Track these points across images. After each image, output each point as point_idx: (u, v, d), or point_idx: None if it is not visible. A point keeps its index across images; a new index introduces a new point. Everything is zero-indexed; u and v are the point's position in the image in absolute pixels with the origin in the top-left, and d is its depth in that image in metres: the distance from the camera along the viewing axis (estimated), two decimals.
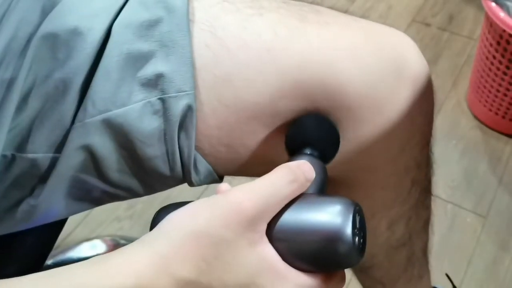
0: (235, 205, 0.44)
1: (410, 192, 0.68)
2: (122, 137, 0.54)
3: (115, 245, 1.18)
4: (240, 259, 0.44)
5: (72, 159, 0.54)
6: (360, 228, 0.47)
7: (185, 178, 0.58)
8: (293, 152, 0.55)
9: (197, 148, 0.56)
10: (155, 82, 0.53)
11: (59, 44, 0.53)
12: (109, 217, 1.27)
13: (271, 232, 0.47)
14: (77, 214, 0.61)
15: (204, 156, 0.57)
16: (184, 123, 0.54)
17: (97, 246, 1.19)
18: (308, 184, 0.49)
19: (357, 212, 0.48)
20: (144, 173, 0.57)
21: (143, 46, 0.53)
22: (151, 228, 0.47)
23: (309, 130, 0.55)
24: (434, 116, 0.66)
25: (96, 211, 1.25)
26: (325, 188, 0.53)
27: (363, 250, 0.48)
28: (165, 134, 0.54)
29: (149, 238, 0.44)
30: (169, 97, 0.53)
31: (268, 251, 0.46)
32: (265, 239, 0.46)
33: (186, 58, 0.53)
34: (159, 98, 0.54)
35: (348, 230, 0.46)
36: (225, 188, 0.48)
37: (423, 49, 0.62)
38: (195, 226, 0.43)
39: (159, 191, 0.61)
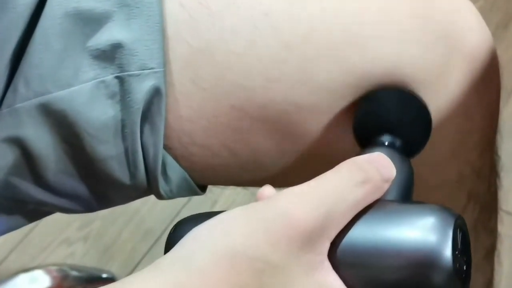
0: (285, 215, 0.44)
1: (466, 210, 0.69)
2: (65, 129, 0.56)
3: (63, 277, 1.20)
4: None
5: None
6: (463, 250, 0.46)
7: (150, 187, 0.60)
8: (365, 142, 0.55)
9: (167, 148, 0.58)
10: (111, 55, 0.55)
11: None
12: (56, 239, 1.28)
13: (335, 254, 0.46)
14: (8, 233, 0.63)
15: (176, 158, 0.59)
16: (149, 112, 0.56)
17: (39, 278, 1.20)
18: (386, 186, 0.48)
19: (459, 227, 0.46)
20: (95, 179, 0.59)
21: (96, 4, 0.55)
22: (167, 249, 0.47)
23: (386, 110, 0.55)
24: (501, 107, 0.67)
25: (37, 231, 1.27)
26: (411, 192, 0.53)
27: (467, 281, 0.47)
28: (123, 127, 0.56)
29: (166, 263, 0.44)
30: (130, 75, 0.55)
31: (332, 281, 0.46)
32: (327, 264, 0.46)
33: (154, 22, 0.55)
34: (116, 77, 0.55)
35: (447, 252, 0.44)
36: (269, 192, 0.49)
37: (489, 8, 0.63)
38: (229, 245, 0.43)
39: (119, 204, 0.63)
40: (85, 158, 0.57)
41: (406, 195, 0.52)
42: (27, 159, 0.56)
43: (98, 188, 0.60)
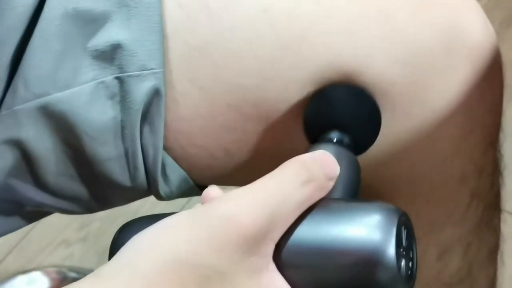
0: (229, 220, 0.44)
1: (469, 209, 0.69)
2: (65, 131, 0.56)
3: (62, 279, 1.20)
4: None
5: None
6: (407, 247, 0.47)
7: (150, 188, 0.60)
8: (313, 138, 0.55)
9: (166, 149, 0.58)
10: (110, 56, 0.55)
11: None
12: (54, 240, 1.29)
13: (280, 255, 0.46)
14: (7, 235, 0.63)
15: (175, 159, 0.59)
16: (148, 113, 0.56)
17: (37, 280, 1.20)
18: (331, 184, 0.49)
19: (404, 224, 0.47)
20: (95, 181, 0.59)
21: (95, 4, 0.55)
22: (111, 255, 0.47)
23: (335, 106, 0.55)
24: (504, 105, 0.67)
25: (36, 232, 1.27)
26: (357, 190, 0.53)
27: (411, 279, 0.47)
28: (123, 128, 0.56)
29: (108, 271, 0.44)
30: (129, 76, 0.55)
31: (277, 283, 0.46)
32: (273, 266, 0.46)
33: (154, 23, 0.55)
34: (116, 78, 0.55)
35: (391, 249, 0.45)
36: (215, 194, 0.48)
37: (493, 5, 0.63)
38: (172, 253, 0.43)
39: (118, 205, 0.64)
40: (85, 159, 0.57)
41: (353, 192, 0.52)
42: (27, 161, 0.57)
43: (98, 189, 0.60)
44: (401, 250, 0.46)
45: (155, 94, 0.55)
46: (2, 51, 0.55)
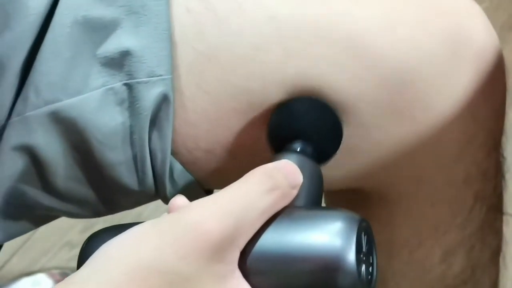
0: (194, 228, 0.45)
1: (473, 211, 0.70)
2: (75, 136, 0.56)
3: None
4: None
5: (7, 165, 0.57)
6: (367, 252, 0.48)
7: (158, 192, 0.60)
8: (277, 148, 0.56)
9: (173, 153, 0.59)
10: (119, 62, 0.56)
11: None
12: (58, 242, 1.29)
13: (246, 262, 0.48)
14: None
15: (182, 163, 0.60)
16: (157, 119, 0.57)
17: (41, 282, 1.20)
18: (294, 192, 0.50)
19: (364, 230, 0.48)
20: (104, 185, 0.59)
21: (105, 12, 0.56)
22: (80, 263, 0.48)
23: (298, 117, 0.56)
24: (507, 108, 0.68)
25: (40, 234, 1.27)
26: (320, 197, 0.54)
27: (372, 283, 0.49)
28: (131, 133, 0.57)
29: (78, 279, 0.45)
30: (138, 82, 0.56)
31: None
32: (238, 273, 0.47)
33: (162, 30, 0.56)
34: (125, 84, 0.56)
35: (351, 255, 0.46)
36: (181, 202, 0.50)
37: (494, 9, 0.64)
38: (140, 260, 0.45)
39: (126, 209, 0.64)
40: (94, 164, 0.58)
41: (315, 200, 0.53)
42: (37, 166, 0.57)
43: (106, 194, 0.60)
44: (362, 255, 0.47)
45: (164, 100, 0.56)
46: (13, 58, 0.55)
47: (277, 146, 0.56)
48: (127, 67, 0.56)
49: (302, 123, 0.56)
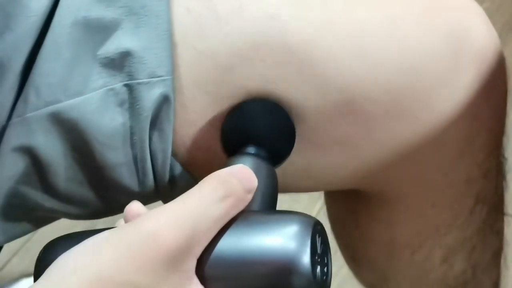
0: (150, 238, 0.46)
1: (474, 212, 0.70)
2: (75, 137, 0.56)
3: None
4: None
5: (8, 166, 0.57)
6: (322, 253, 0.49)
7: (158, 193, 0.60)
8: (231, 152, 0.56)
9: (173, 154, 0.59)
10: (120, 63, 0.56)
11: None
12: None
13: (203, 269, 0.48)
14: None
15: (183, 164, 0.59)
16: (157, 120, 0.57)
17: None
18: (249, 196, 0.50)
19: (318, 233, 0.49)
20: (104, 186, 0.59)
21: (105, 13, 0.56)
22: (36, 274, 0.49)
23: (251, 120, 0.56)
24: (508, 109, 0.68)
25: (40, 235, 1.26)
26: (275, 200, 0.55)
27: (325, 285, 0.49)
28: (132, 134, 0.57)
29: None
30: (139, 83, 0.56)
31: None
32: (196, 281, 0.48)
33: (162, 30, 0.56)
34: (125, 85, 0.56)
35: (306, 258, 0.47)
36: (137, 209, 0.50)
37: (495, 9, 0.64)
38: (97, 271, 0.45)
39: None
40: (95, 165, 0.58)
41: (271, 203, 0.54)
42: (37, 167, 0.57)
43: (107, 195, 0.60)
44: (316, 257, 0.48)
45: (164, 101, 0.56)
46: (14, 59, 0.55)
47: (231, 150, 0.56)
48: (127, 67, 0.56)
49: (255, 126, 0.56)
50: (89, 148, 0.57)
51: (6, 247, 0.69)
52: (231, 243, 0.48)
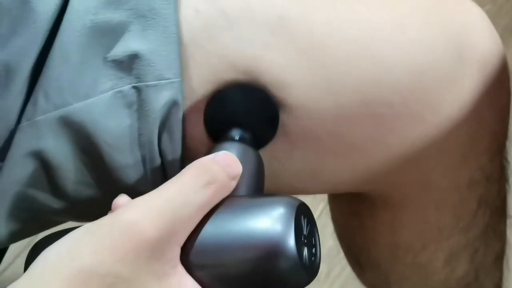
0: (129, 228, 0.46)
1: (477, 215, 0.70)
2: (84, 139, 0.56)
3: None
4: None
5: (17, 169, 0.57)
6: (309, 235, 0.48)
7: None
8: (215, 137, 0.56)
9: (183, 154, 0.58)
10: (128, 65, 0.56)
11: (0, 15, 0.55)
12: None
13: (188, 257, 0.48)
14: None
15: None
16: (167, 121, 0.57)
17: None
18: (234, 183, 0.51)
19: (303, 214, 0.48)
20: (113, 188, 0.59)
21: (113, 16, 0.56)
22: (26, 270, 0.48)
23: (232, 104, 0.56)
24: (511, 111, 0.68)
25: (43, 235, 1.27)
26: (261, 184, 0.54)
27: (313, 266, 0.49)
28: (140, 136, 0.57)
29: (18, 287, 0.45)
30: (147, 85, 0.56)
31: (186, 284, 0.48)
32: (180, 269, 0.48)
33: (170, 33, 0.56)
34: (133, 87, 0.56)
35: (290, 239, 0.46)
36: (122, 202, 0.50)
37: (496, 12, 0.64)
38: (78, 265, 0.45)
39: None
40: (103, 167, 0.58)
41: (257, 188, 0.53)
42: (46, 170, 0.57)
43: (115, 196, 0.60)
44: (302, 238, 0.47)
45: (173, 103, 0.56)
46: (22, 63, 0.55)
47: (215, 135, 0.56)
48: (135, 70, 0.56)
49: (237, 110, 0.56)
50: (97, 151, 0.57)
51: (9, 248, 0.70)
52: (214, 229, 0.48)
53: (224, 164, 0.50)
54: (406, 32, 0.58)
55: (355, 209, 0.73)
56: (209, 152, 0.54)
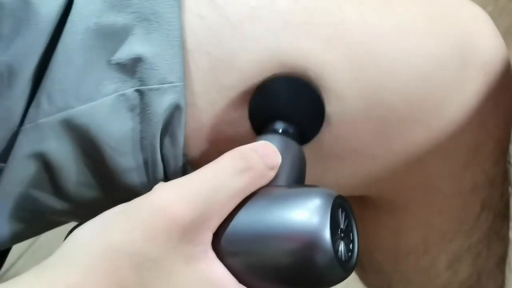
0: (161, 209, 0.46)
1: (480, 219, 0.70)
2: (87, 142, 0.56)
3: None
4: (175, 284, 0.46)
5: (20, 171, 0.57)
6: (346, 229, 0.48)
7: None
8: (259, 130, 0.56)
9: (186, 158, 0.58)
10: (131, 69, 0.56)
11: (2, 16, 0.55)
12: None
13: (220, 243, 0.47)
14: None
15: (194, 168, 0.59)
16: (170, 125, 0.57)
17: None
18: (272, 173, 0.50)
19: (340, 206, 0.47)
20: (115, 190, 0.59)
21: (117, 19, 0.56)
22: None
23: (278, 97, 0.56)
24: None
25: (46, 236, 1.26)
26: (302, 179, 0.53)
27: (350, 262, 0.48)
28: (142, 139, 0.57)
29: (49, 263, 0.46)
30: (150, 89, 0.56)
31: (216, 270, 0.47)
32: (211, 254, 0.47)
33: (174, 36, 0.56)
34: (136, 90, 0.56)
35: (326, 233, 0.45)
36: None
37: (498, 14, 0.64)
38: (108, 243, 0.45)
39: None
40: (106, 170, 0.58)
41: (297, 181, 0.52)
42: (49, 172, 0.57)
43: (118, 199, 0.60)
44: (339, 232, 0.47)
45: (176, 107, 0.56)
46: (25, 65, 0.55)
47: (259, 127, 0.56)
48: (139, 73, 0.56)
49: (282, 103, 0.56)
50: (100, 153, 0.57)
51: (11, 249, 0.70)
52: (249, 218, 0.47)
53: (262, 154, 0.50)
54: (410, 37, 0.58)
55: (358, 213, 0.73)
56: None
